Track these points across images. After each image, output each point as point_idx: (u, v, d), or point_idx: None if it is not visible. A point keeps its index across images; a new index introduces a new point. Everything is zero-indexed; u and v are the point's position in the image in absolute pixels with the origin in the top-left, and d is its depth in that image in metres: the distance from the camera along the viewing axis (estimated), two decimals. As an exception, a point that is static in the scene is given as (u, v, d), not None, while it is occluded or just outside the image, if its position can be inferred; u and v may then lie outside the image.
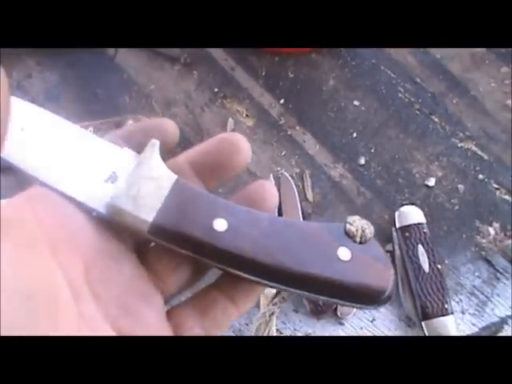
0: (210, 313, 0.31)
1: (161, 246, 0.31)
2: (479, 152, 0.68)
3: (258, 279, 0.30)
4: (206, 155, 0.33)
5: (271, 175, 0.67)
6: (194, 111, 0.71)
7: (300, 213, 0.65)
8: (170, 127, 0.33)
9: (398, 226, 0.63)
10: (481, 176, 0.67)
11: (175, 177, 0.31)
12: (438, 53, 0.73)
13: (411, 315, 0.60)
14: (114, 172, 0.32)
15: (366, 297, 0.30)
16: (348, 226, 0.31)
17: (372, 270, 0.30)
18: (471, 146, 0.68)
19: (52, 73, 0.74)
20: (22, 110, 0.32)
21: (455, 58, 0.73)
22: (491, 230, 0.64)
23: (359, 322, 0.60)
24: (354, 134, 0.69)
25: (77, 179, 0.31)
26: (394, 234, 0.63)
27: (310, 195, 0.66)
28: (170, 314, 0.32)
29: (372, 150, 0.68)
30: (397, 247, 0.63)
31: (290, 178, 0.66)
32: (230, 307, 0.32)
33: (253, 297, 0.33)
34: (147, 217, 0.30)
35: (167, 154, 0.33)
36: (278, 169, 0.68)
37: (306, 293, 0.30)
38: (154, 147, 0.32)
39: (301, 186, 0.67)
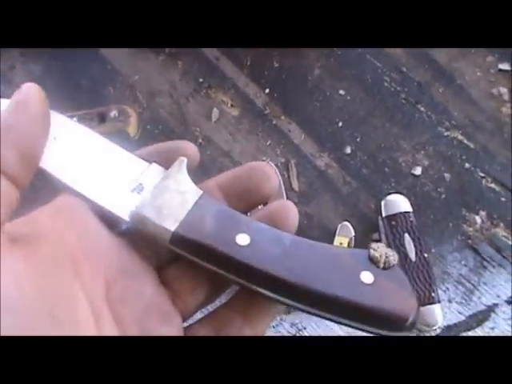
0: (226, 333, 0.31)
1: (181, 265, 0.31)
2: (465, 141, 0.68)
3: (278, 297, 0.30)
4: (236, 180, 0.33)
5: (256, 165, 0.66)
6: (179, 101, 0.71)
7: (286, 202, 0.64)
8: (191, 150, 0.34)
9: (384, 214, 0.63)
10: (467, 165, 0.67)
11: (200, 192, 0.31)
12: (423, 42, 0.73)
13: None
14: (141, 184, 0.32)
15: (389, 322, 0.28)
16: (372, 251, 0.30)
17: (395, 295, 0.29)
18: (457, 134, 0.68)
19: (36, 64, 0.74)
20: (55, 121, 0.32)
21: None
22: (478, 219, 0.64)
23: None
24: (340, 124, 0.69)
25: (104, 187, 0.31)
26: (381, 222, 0.63)
27: (295, 185, 0.66)
28: (185, 333, 0.31)
29: (358, 140, 0.68)
30: (383, 236, 0.63)
31: (275, 168, 0.66)
32: (246, 327, 0.31)
33: (268, 317, 0.32)
34: (170, 226, 0.30)
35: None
36: (264, 158, 0.67)
37: (326, 314, 0.29)
38: (181, 164, 0.32)
39: (286, 176, 0.66)
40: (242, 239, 0.30)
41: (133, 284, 0.30)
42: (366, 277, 0.29)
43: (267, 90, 0.71)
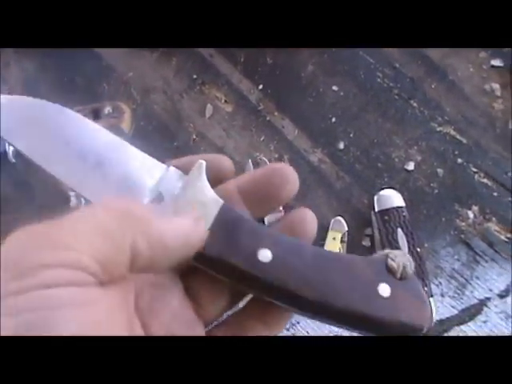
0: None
1: (204, 275, 0.31)
2: (458, 136, 0.68)
3: (298, 310, 0.30)
4: (256, 184, 0.33)
5: (250, 161, 0.66)
6: (173, 98, 0.71)
7: (279, 197, 0.64)
8: (227, 164, 0.33)
9: (377, 209, 0.63)
10: (460, 160, 0.67)
11: (221, 202, 0.31)
12: (416, 39, 0.73)
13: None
14: (161, 192, 0.31)
15: (403, 332, 0.29)
16: (390, 261, 0.31)
17: (410, 307, 0.30)
18: (450, 130, 0.68)
19: (30, 61, 0.74)
20: (67, 122, 0.32)
21: (434, 44, 0.73)
22: (470, 214, 0.64)
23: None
24: (333, 119, 0.69)
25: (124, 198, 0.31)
26: (374, 217, 0.63)
27: (289, 180, 0.66)
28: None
29: (351, 135, 0.68)
30: (376, 231, 0.63)
31: (268, 164, 0.66)
32: (264, 333, 0.32)
33: (286, 320, 0.33)
34: None
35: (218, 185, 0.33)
36: (257, 154, 0.67)
37: (343, 325, 0.30)
38: (200, 169, 0.31)
39: (280, 171, 0.66)
40: (264, 255, 0.30)
41: (160, 295, 0.30)
42: (384, 289, 0.30)
43: (261, 87, 0.71)
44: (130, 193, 0.31)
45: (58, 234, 0.24)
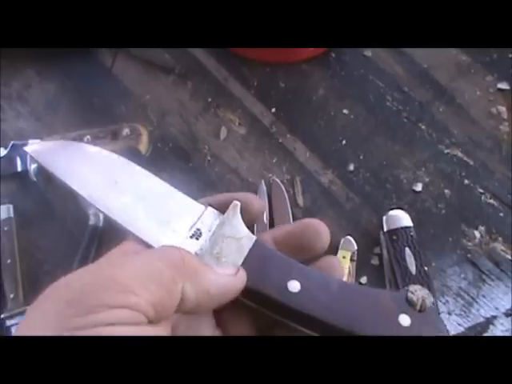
0: None
1: (234, 308, 0.34)
2: (465, 158, 0.70)
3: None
4: (291, 236, 0.36)
5: (263, 181, 0.69)
6: (189, 120, 0.73)
7: (291, 217, 0.66)
8: (257, 203, 0.37)
9: (385, 229, 0.65)
10: (466, 181, 0.69)
11: (254, 238, 0.34)
12: (424, 62, 0.75)
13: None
14: (199, 229, 0.34)
15: None
16: (410, 294, 0.33)
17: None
18: (457, 152, 0.70)
19: (51, 82, 0.76)
20: (117, 165, 0.35)
21: (441, 68, 0.75)
22: (477, 234, 0.66)
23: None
24: (344, 142, 0.71)
25: (164, 233, 0.34)
26: (382, 237, 0.65)
27: (300, 200, 0.68)
28: None
29: (361, 157, 0.70)
30: (384, 250, 0.65)
31: (281, 184, 0.68)
32: None
33: None
34: None
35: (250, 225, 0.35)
36: (270, 175, 0.69)
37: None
38: (235, 209, 0.35)
39: (291, 192, 0.69)
40: (293, 286, 0.33)
41: (193, 325, 0.33)
42: (404, 320, 0.32)
43: (273, 110, 0.73)
44: (172, 229, 0.34)
45: (122, 278, 0.27)
